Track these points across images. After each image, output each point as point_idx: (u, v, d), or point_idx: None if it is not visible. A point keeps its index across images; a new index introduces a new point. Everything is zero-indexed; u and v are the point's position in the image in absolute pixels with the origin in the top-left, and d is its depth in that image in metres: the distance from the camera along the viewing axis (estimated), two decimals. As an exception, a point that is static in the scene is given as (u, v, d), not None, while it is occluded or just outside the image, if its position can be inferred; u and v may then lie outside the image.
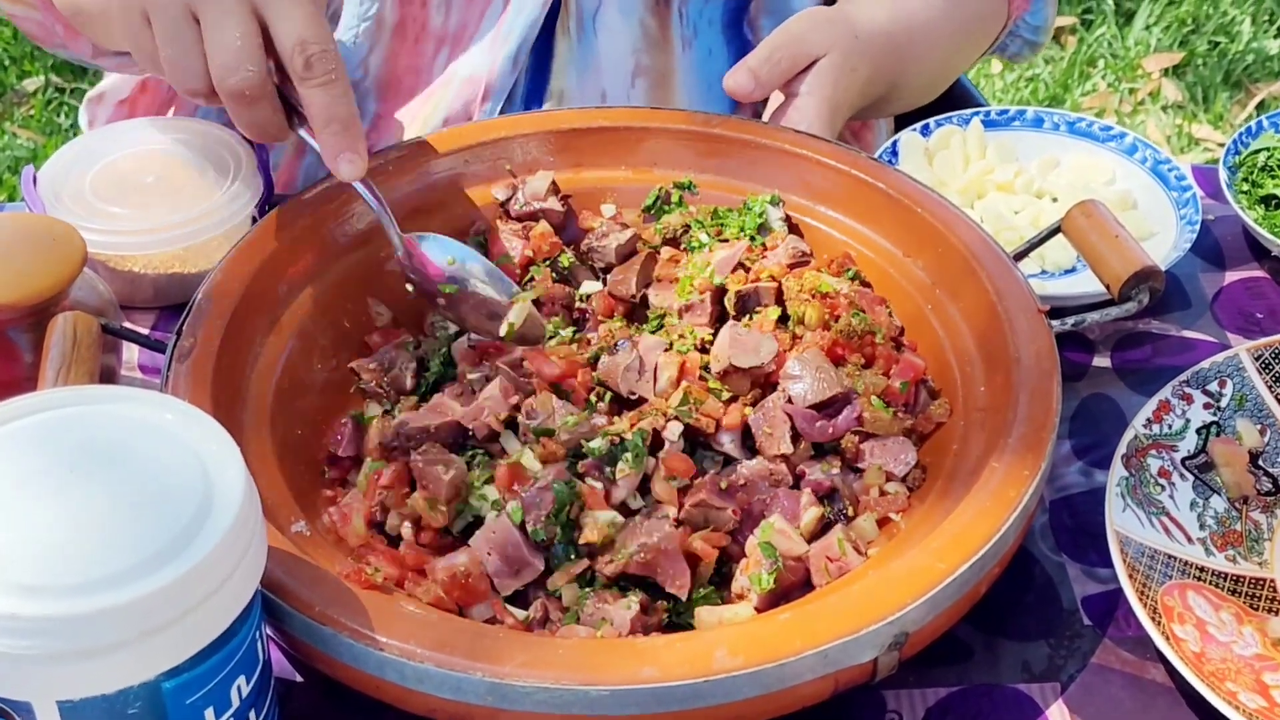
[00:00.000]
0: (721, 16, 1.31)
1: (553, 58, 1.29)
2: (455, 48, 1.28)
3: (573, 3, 1.27)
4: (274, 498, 0.89)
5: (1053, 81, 3.07)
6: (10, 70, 3.01)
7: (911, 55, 1.29)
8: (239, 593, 0.74)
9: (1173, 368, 1.09)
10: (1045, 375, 0.95)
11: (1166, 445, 1.00)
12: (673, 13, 1.30)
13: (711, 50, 1.31)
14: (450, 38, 1.28)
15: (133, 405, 0.78)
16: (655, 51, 1.30)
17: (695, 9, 1.30)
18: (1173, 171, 1.23)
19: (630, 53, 1.30)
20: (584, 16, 1.28)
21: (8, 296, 0.97)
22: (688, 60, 1.31)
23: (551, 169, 1.12)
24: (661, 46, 1.30)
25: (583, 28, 1.28)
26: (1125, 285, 0.99)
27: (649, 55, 1.30)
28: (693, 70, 1.31)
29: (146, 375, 1.10)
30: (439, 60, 1.29)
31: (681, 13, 1.30)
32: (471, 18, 1.27)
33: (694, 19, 1.31)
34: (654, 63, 1.30)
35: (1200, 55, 3.17)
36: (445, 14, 1.27)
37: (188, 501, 0.73)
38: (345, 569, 0.86)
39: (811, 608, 0.84)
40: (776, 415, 0.95)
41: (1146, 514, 0.95)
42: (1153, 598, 0.90)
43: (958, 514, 0.88)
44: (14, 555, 0.70)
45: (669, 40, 1.30)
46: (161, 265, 1.13)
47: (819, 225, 1.11)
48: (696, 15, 1.31)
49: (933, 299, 1.05)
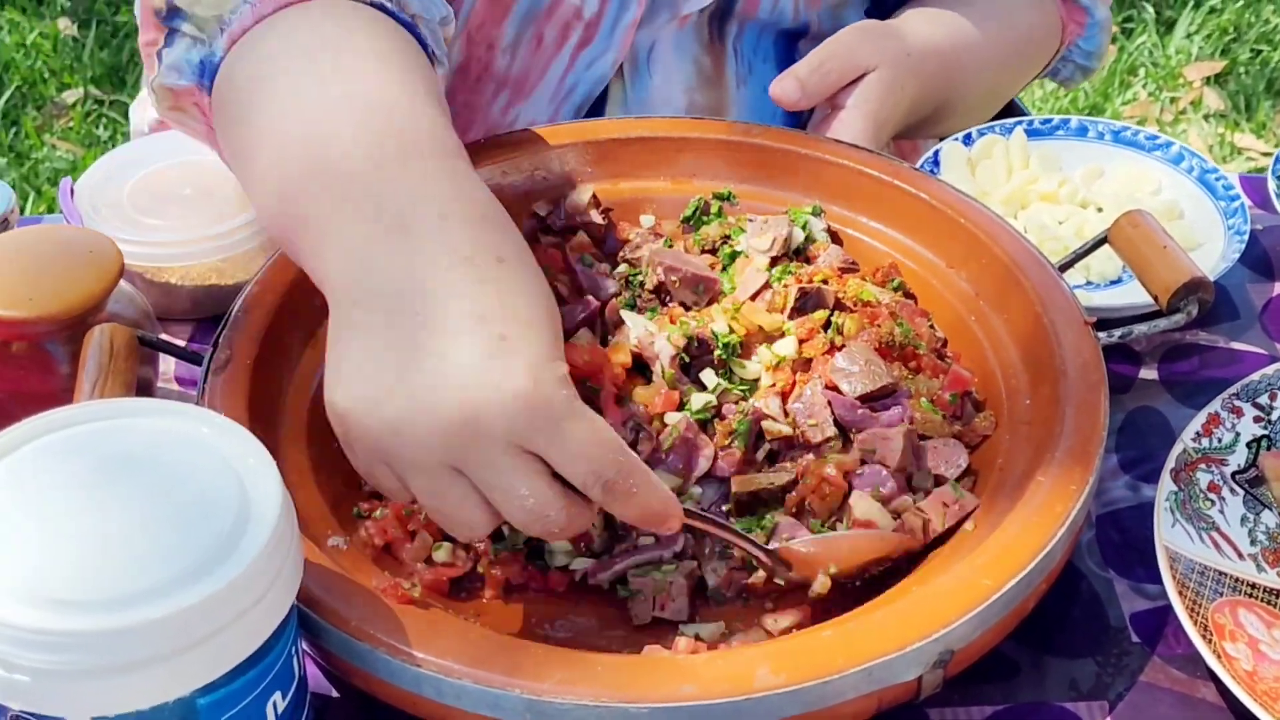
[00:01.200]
0: (774, 51, 1.30)
1: (607, 100, 1.27)
2: (515, 94, 1.26)
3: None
4: (310, 512, 0.89)
5: (1093, 90, 3.05)
6: (50, 82, 3.03)
7: (961, 77, 1.28)
8: (275, 608, 0.74)
9: (1221, 380, 1.07)
10: (1092, 388, 0.93)
11: (1216, 459, 0.98)
12: (727, 50, 1.28)
13: (766, 87, 1.30)
14: (512, 82, 1.26)
15: (169, 418, 0.78)
16: (709, 89, 1.29)
17: (749, 45, 1.29)
18: (1220, 181, 1.21)
19: (683, 91, 1.28)
20: (639, 57, 1.27)
21: (45, 309, 0.97)
22: (741, 98, 1.30)
23: (590, 180, 1.11)
24: (715, 84, 1.29)
25: (637, 68, 1.27)
26: (1174, 297, 0.98)
27: (702, 93, 1.29)
28: (746, 108, 1.30)
29: (183, 387, 1.10)
30: (497, 103, 1.27)
31: (736, 50, 1.28)
32: (535, 67, 1.25)
33: (748, 56, 1.29)
34: (707, 101, 1.29)
35: (1242, 64, 3.14)
36: (511, 59, 1.25)
37: (224, 516, 0.72)
38: (382, 583, 0.85)
39: (854, 624, 0.83)
40: (816, 401, 0.94)
41: (1196, 529, 0.94)
42: (1203, 615, 0.88)
43: (1004, 529, 0.86)
44: (48, 569, 0.69)
45: (723, 78, 1.29)
46: (198, 277, 1.12)
47: (861, 236, 1.09)
48: (751, 52, 1.29)
49: (976, 310, 1.03)
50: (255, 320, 0.97)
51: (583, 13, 1.23)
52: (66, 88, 3.02)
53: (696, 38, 1.27)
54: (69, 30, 3.15)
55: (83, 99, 2.98)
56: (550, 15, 1.23)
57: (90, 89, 3.01)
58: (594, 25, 1.23)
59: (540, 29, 1.24)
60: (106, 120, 2.94)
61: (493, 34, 1.24)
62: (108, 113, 2.95)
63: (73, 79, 3.04)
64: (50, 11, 3.20)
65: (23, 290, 0.98)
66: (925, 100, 1.25)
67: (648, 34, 1.26)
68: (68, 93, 3.01)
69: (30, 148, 2.85)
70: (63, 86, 3.03)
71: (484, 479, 0.78)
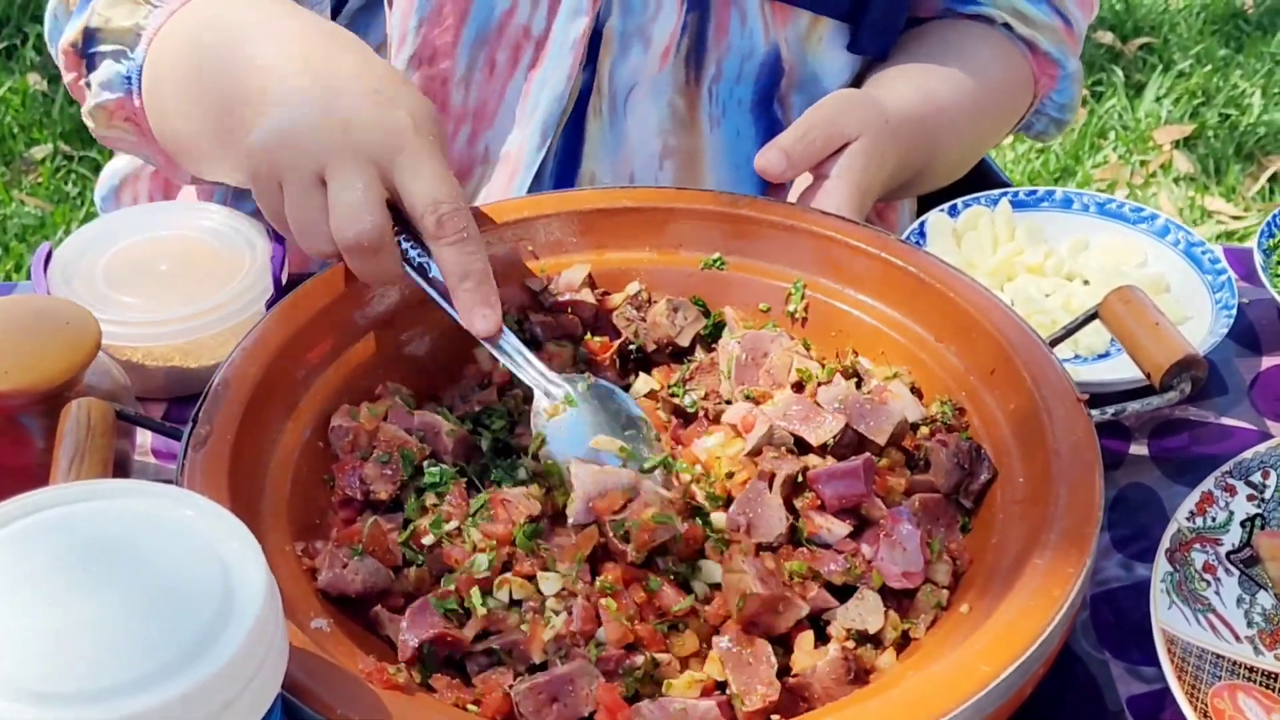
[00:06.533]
0: (751, 96, 1.30)
1: (584, 141, 1.27)
2: (479, 123, 1.27)
3: (605, 84, 1.26)
4: (293, 591, 0.86)
5: (1064, 153, 3.07)
6: (19, 138, 3.01)
7: (939, 139, 1.28)
8: (260, 697, 0.71)
9: (1212, 456, 1.06)
10: (1087, 467, 0.92)
11: (1210, 539, 0.97)
12: (702, 93, 1.28)
13: (740, 130, 1.29)
14: (470, 115, 1.26)
15: (150, 500, 0.75)
16: (683, 132, 1.29)
17: (725, 89, 1.29)
18: (1206, 254, 1.21)
19: (658, 134, 1.28)
20: (615, 98, 1.27)
21: (20, 381, 0.95)
22: (716, 140, 1.29)
23: (575, 250, 1.10)
24: (689, 127, 1.29)
25: (614, 109, 1.27)
26: (1167, 374, 0.97)
27: (676, 136, 1.29)
28: (721, 151, 1.30)
29: (160, 460, 1.08)
30: (460, 137, 1.27)
31: (711, 92, 1.28)
32: (492, 94, 1.25)
33: (723, 99, 1.29)
34: (681, 143, 1.29)
35: (1211, 127, 3.17)
36: (465, 91, 1.25)
37: (206, 603, 0.70)
38: (367, 667, 0.83)
39: (852, 711, 0.81)
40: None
41: (1193, 611, 0.92)
42: (1203, 699, 0.87)
43: (1001, 612, 0.84)
44: (25, 659, 0.67)
45: (697, 121, 1.29)
46: (161, 358, 1.10)
47: (848, 309, 1.08)
48: (726, 95, 1.29)
49: (967, 385, 1.02)
50: (236, 395, 0.95)
51: (531, 30, 1.23)
52: (35, 143, 3.00)
53: (673, 79, 1.27)
54: (39, 85, 3.13)
55: (52, 155, 2.96)
56: (501, 35, 1.24)
57: (60, 145, 2.98)
58: (543, 43, 1.24)
59: (492, 53, 1.25)
60: (76, 176, 2.92)
61: (444, 66, 1.24)
62: (77, 169, 2.93)
63: (42, 134, 3.01)
64: (20, 67, 3.18)
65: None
66: (905, 166, 1.25)
67: (626, 74, 1.26)
68: (36, 148, 2.99)
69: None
70: (31, 142, 3.01)
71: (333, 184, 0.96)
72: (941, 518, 0.96)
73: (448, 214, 0.96)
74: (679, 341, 1.08)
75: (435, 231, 0.96)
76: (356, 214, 0.95)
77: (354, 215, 0.95)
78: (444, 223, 0.96)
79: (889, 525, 0.93)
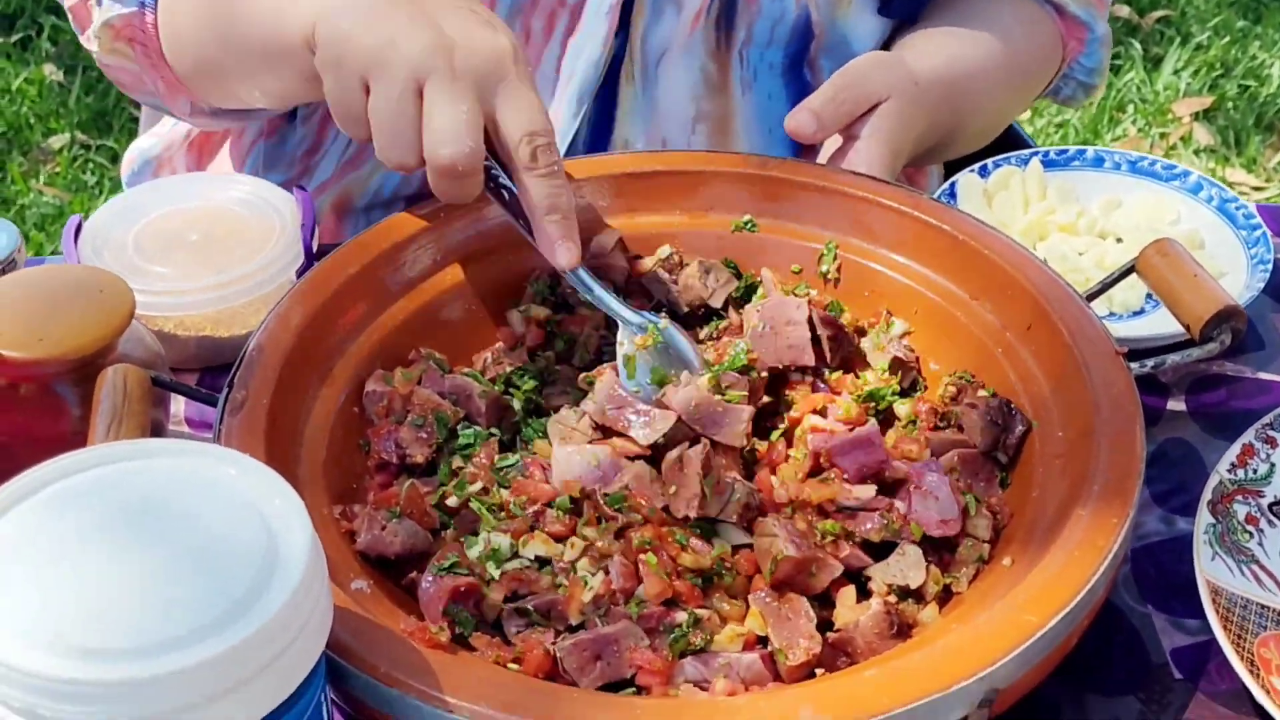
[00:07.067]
0: (782, 60, 1.29)
1: (617, 106, 1.26)
2: None
3: (637, 50, 1.25)
4: (334, 553, 0.86)
5: (1083, 127, 3.05)
6: (36, 128, 3.01)
7: (968, 103, 1.27)
8: (305, 655, 0.71)
9: (1249, 411, 1.06)
10: (1127, 419, 0.91)
11: (1252, 490, 0.96)
12: (733, 57, 1.28)
13: (771, 94, 1.29)
14: None
15: (192, 459, 0.75)
16: (715, 96, 1.28)
17: (756, 53, 1.28)
18: (1240, 210, 1.20)
19: (690, 99, 1.27)
20: (648, 63, 1.26)
21: (55, 350, 0.95)
22: (747, 104, 1.29)
23: (606, 214, 1.09)
24: (721, 91, 1.28)
25: (646, 75, 1.26)
26: (1206, 326, 0.96)
27: (709, 101, 1.28)
28: (752, 114, 1.29)
29: (194, 429, 1.07)
30: None
31: (742, 56, 1.28)
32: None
33: (754, 63, 1.28)
34: (713, 108, 1.28)
35: (1230, 99, 3.15)
36: None
37: (251, 560, 0.70)
38: (409, 626, 0.82)
39: (898, 664, 0.80)
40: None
41: (1236, 562, 0.92)
42: (1248, 649, 0.86)
43: (1045, 564, 0.84)
44: (72, 617, 0.67)
45: (728, 85, 1.28)
46: (193, 327, 1.10)
47: (881, 269, 1.08)
48: (757, 59, 1.28)
49: (1003, 342, 1.01)
50: (270, 360, 0.94)
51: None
52: (52, 133, 3.00)
53: (704, 44, 1.27)
54: (54, 75, 3.13)
55: (69, 144, 2.96)
56: (535, 3, 1.23)
57: (77, 134, 2.98)
58: (578, 10, 1.23)
59: (527, 21, 1.24)
60: (93, 165, 2.92)
61: None
62: (94, 158, 2.93)
63: (59, 124, 3.01)
64: (35, 58, 3.18)
65: (32, 331, 0.95)
66: (934, 129, 1.24)
67: (658, 39, 1.25)
68: (54, 138, 2.99)
69: (17, 194, 2.83)
70: (49, 132, 3.01)
71: (432, 97, 0.94)
72: (980, 473, 0.95)
73: (542, 146, 0.96)
74: (711, 303, 1.07)
75: (529, 162, 0.96)
76: (457, 136, 0.94)
77: (454, 137, 0.94)
78: (538, 154, 0.96)
79: (916, 479, 0.92)
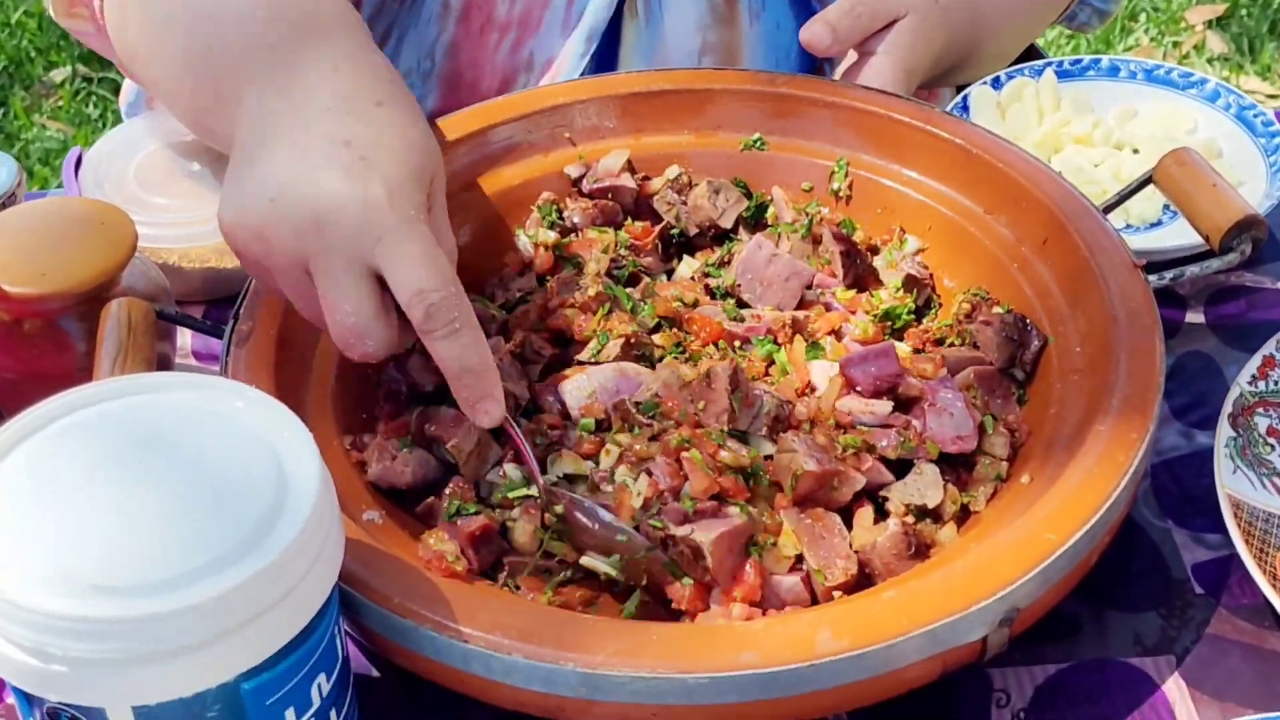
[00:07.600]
0: None
1: (620, 43, 1.24)
2: (523, 31, 1.23)
3: None
4: (344, 485, 0.85)
5: (1095, 37, 3.01)
6: (37, 61, 2.98)
7: (987, 25, 1.24)
8: (318, 587, 0.71)
9: (1269, 322, 1.04)
10: (1146, 332, 0.90)
11: (1274, 403, 0.95)
12: None
13: (779, 23, 1.26)
14: (516, 23, 1.23)
15: (200, 393, 0.74)
16: (722, 27, 1.25)
17: None
18: (1259, 117, 1.17)
19: (697, 29, 1.25)
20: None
21: (58, 284, 0.94)
22: (755, 34, 1.26)
23: (613, 135, 1.08)
24: (728, 21, 1.25)
25: (650, 8, 1.23)
26: (1226, 236, 0.95)
27: (715, 31, 1.25)
28: (760, 44, 1.26)
29: (201, 362, 1.07)
30: (504, 46, 1.23)
31: None
32: (537, 3, 1.22)
33: None
34: (720, 39, 1.25)
35: (1244, 6, 3.10)
36: (511, 4, 1.22)
37: (261, 493, 0.69)
38: (426, 554, 0.82)
39: (916, 584, 0.80)
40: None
41: (1258, 475, 0.91)
42: (1271, 563, 0.85)
43: (1064, 481, 0.83)
44: (82, 554, 0.66)
45: (736, 15, 1.25)
46: (198, 259, 1.09)
47: (893, 185, 1.06)
48: None
49: (1019, 257, 1.00)
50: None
51: None
52: (54, 66, 2.97)
53: None
54: (54, 8, 3.10)
55: (71, 77, 2.93)
56: None
57: (78, 67, 2.96)
58: None
59: None
60: (96, 98, 2.89)
61: None
62: (97, 90, 2.90)
63: (60, 57, 2.98)
64: (34, -10, 3.16)
65: (34, 266, 0.94)
66: (952, 49, 1.22)
67: None
68: (55, 71, 2.96)
69: (20, 128, 2.81)
70: (50, 65, 2.98)
71: (321, 287, 0.85)
72: (997, 390, 0.94)
73: (435, 304, 0.84)
74: (721, 224, 1.06)
75: (424, 325, 0.84)
76: (355, 337, 0.85)
77: (352, 339, 0.86)
78: (432, 314, 0.84)
79: (930, 396, 0.91)
